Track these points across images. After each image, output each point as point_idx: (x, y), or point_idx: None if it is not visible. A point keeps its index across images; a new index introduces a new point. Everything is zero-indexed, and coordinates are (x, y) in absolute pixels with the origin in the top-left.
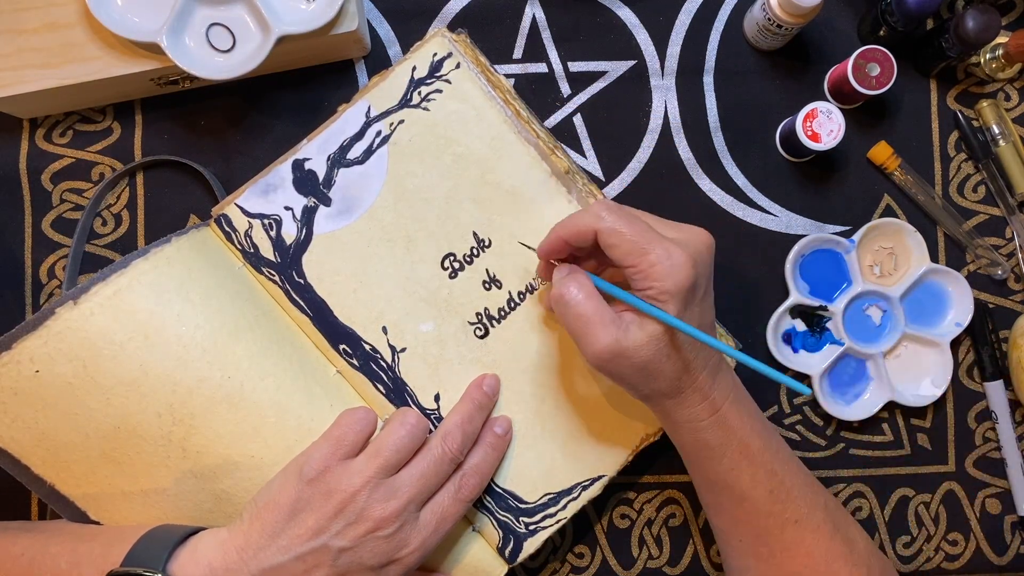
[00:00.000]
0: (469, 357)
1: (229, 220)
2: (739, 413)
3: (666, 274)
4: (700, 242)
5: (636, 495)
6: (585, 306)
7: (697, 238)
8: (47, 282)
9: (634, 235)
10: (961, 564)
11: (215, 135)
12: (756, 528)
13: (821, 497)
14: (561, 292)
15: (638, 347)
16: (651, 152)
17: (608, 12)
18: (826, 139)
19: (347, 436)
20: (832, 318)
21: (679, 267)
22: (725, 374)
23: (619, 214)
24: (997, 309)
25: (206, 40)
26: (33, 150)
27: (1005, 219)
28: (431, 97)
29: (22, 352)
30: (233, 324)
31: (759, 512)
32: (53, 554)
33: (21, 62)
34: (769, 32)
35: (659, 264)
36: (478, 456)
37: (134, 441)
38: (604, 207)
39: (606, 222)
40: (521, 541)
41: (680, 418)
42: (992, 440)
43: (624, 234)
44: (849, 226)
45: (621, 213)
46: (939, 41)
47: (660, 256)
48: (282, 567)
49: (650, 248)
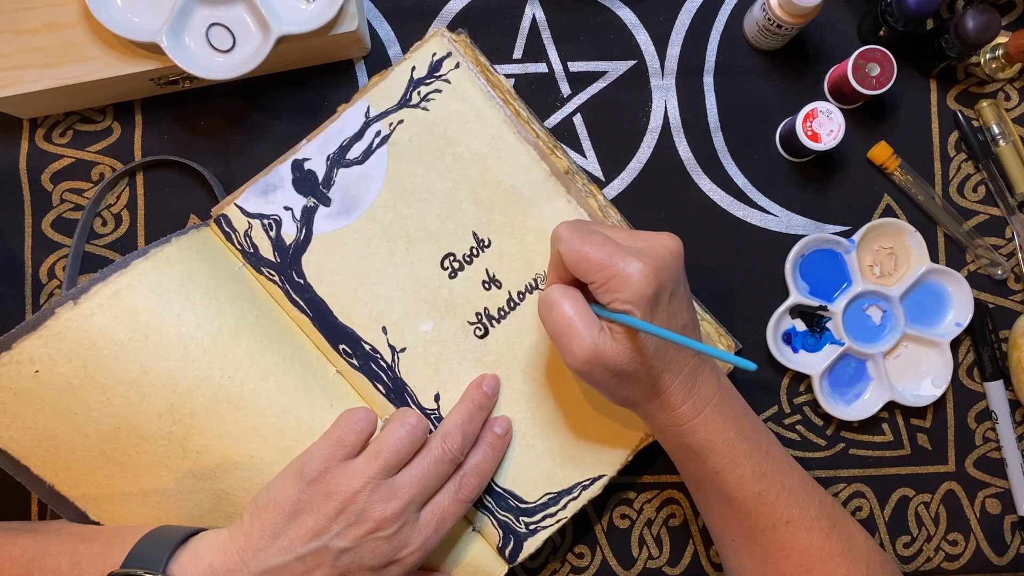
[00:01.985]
0: (469, 357)
1: (229, 220)
2: (722, 417)
3: (623, 285)
4: (664, 248)
5: (636, 495)
6: (568, 311)
7: (661, 244)
8: (47, 282)
9: (591, 251)
10: (961, 564)
11: (215, 135)
12: (748, 528)
13: (815, 496)
14: (548, 296)
15: (614, 353)
16: (651, 152)
17: (608, 12)
18: (826, 139)
19: (347, 437)
20: (832, 318)
21: (637, 277)
22: (707, 378)
23: (577, 232)
24: (997, 309)
25: (206, 40)
26: (33, 150)
27: (1005, 219)
28: (430, 97)
29: (22, 352)
30: (233, 324)
31: (749, 513)
32: (53, 554)
33: (21, 62)
34: (769, 32)
35: (616, 276)
36: (478, 456)
37: (134, 441)
38: (564, 227)
39: (564, 244)
40: (521, 541)
41: (661, 422)
42: (992, 440)
43: (581, 252)
44: (849, 226)
45: (579, 231)
46: (939, 41)
47: (618, 268)
48: (282, 568)
49: (608, 262)
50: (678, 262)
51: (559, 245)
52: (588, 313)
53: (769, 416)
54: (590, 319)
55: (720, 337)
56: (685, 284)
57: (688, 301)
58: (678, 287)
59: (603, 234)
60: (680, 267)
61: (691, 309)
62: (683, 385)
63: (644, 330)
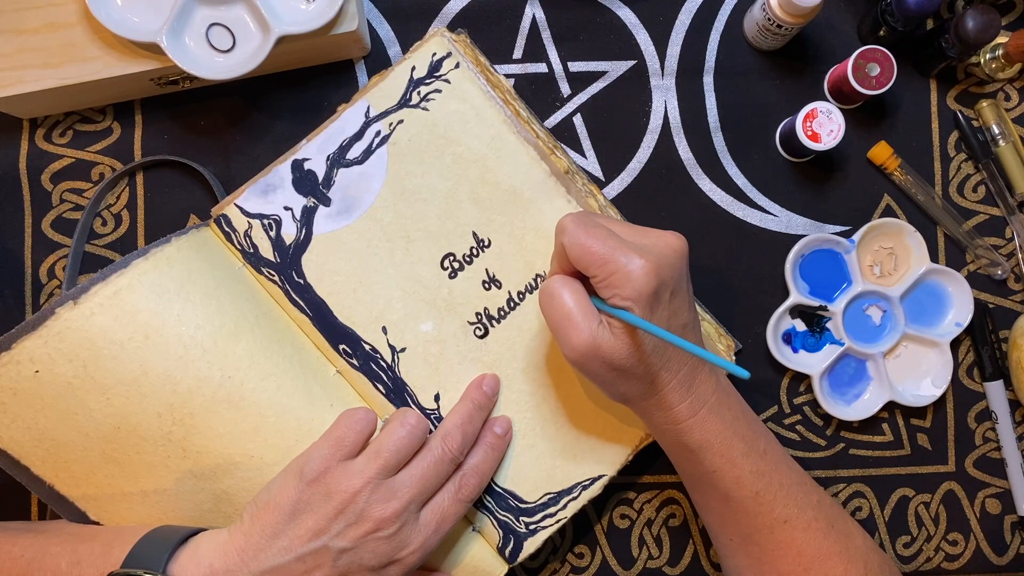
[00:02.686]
0: (469, 357)
1: (229, 220)
2: (720, 416)
3: (624, 281)
4: (667, 246)
5: (636, 495)
6: (568, 302)
7: (664, 243)
8: (47, 282)
9: (595, 245)
10: (961, 564)
11: (215, 135)
12: (745, 528)
13: (814, 496)
14: (549, 286)
15: (612, 347)
16: (651, 152)
17: (608, 12)
18: (826, 139)
19: (347, 437)
20: (832, 318)
21: (639, 274)
22: (705, 377)
23: (581, 225)
24: (997, 309)
25: (206, 40)
26: (33, 150)
27: (1005, 219)
28: (430, 97)
29: (22, 352)
30: (233, 324)
31: (746, 512)
32: (53, 554)
33: (21, 62)
34: (769, 32)
35: (618, 272)
36: (478, 456)
37: (134, 441)
38: (570, 219)
39: (568, 236)
40: (521, 541)
41: (658, 420)
42: (992, 440)
43: (584, 245)
44: (849, 226)
45: (584, 223)
46: (939, 41)
47: (620, 264)
48: (282, 568)
49: (610, 257)
50: (681, 261)
51: (563, 236)
52: (588, 305)
53: (769, 416)
54: (589, 311)
55: (720, 337)
56: (688, 284)
57: (690, 301)
58: (680, 286)
59: (607, 228)
60: (683, 266)
61: (692, 309)
62: (681, 384)
63: (641, 328)
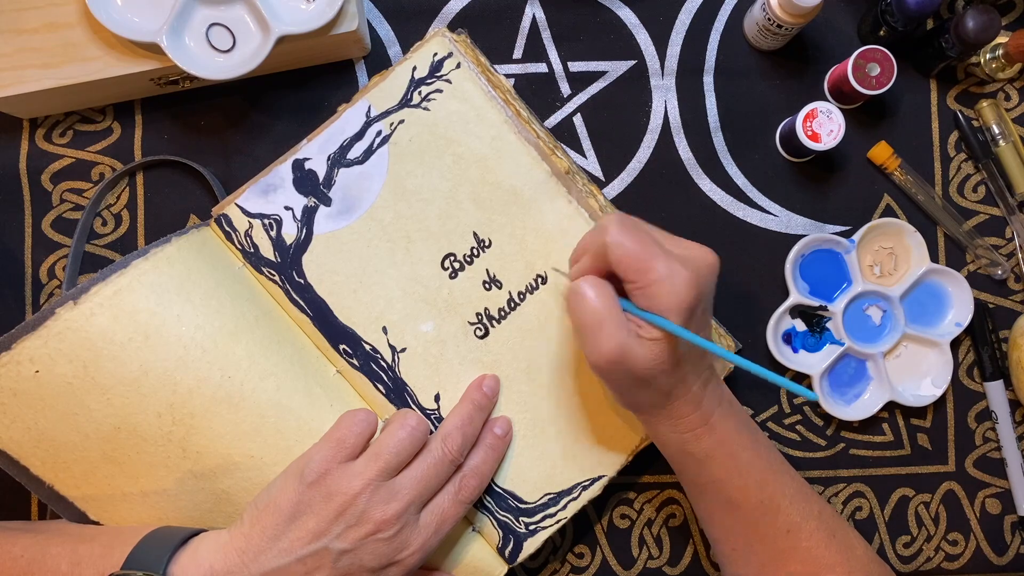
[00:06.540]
0: (469, 357)
1: (229, 220)
2: (727, 425)
3: (667, 292)
4: (704, 261)
5: (636, 495)
6: (599, 306)
7: (702, 257)
8: (47, 282)
9: (639, 250)
10: (961, 564)
11: (215, 135)
12: (747, 538)
13: (815, 506)
14: (580, 287)
15: (638, 358)
16: (651, 152)
17: (608, 12)
18: (826, 139)
19: (347, 438)
20: (832, 318)
21: (681, 287)
22: (715, 386)
23: (626, 228)
24: (997, 309)
25: (206, 40)
26: (33, 150)
27: (1005, 219)
28: (431, 97)
29: (22, 352)
30: (233, 324)
31: (749, 522)
32: (53, 555)
33: (21, 62)
34: (769, 32)
35: (661, 282)
36: (478, 457)
37: (134, 441)
38: (614, 220)
39: (612, 236)
40: (521, 541)
41: (667, 429)
42: (992, 440)
43: (628, 248)
44: (849, 226)
45: (628, 226)
46: (939, 41)
47: (662, 274)
48: (283, 570)
49: (653, 264)
50: (714, 276)
51: (606, 236)
52: (619, 312)
53: (769, 416)
54: (620, 319)
55: (720, 337)
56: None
57: (711, 317)
58: (710, 303)
59: (650, 235)
60: (715, 282)
61: (710, 325)
62: (694, 396)
63: (681, 336)
